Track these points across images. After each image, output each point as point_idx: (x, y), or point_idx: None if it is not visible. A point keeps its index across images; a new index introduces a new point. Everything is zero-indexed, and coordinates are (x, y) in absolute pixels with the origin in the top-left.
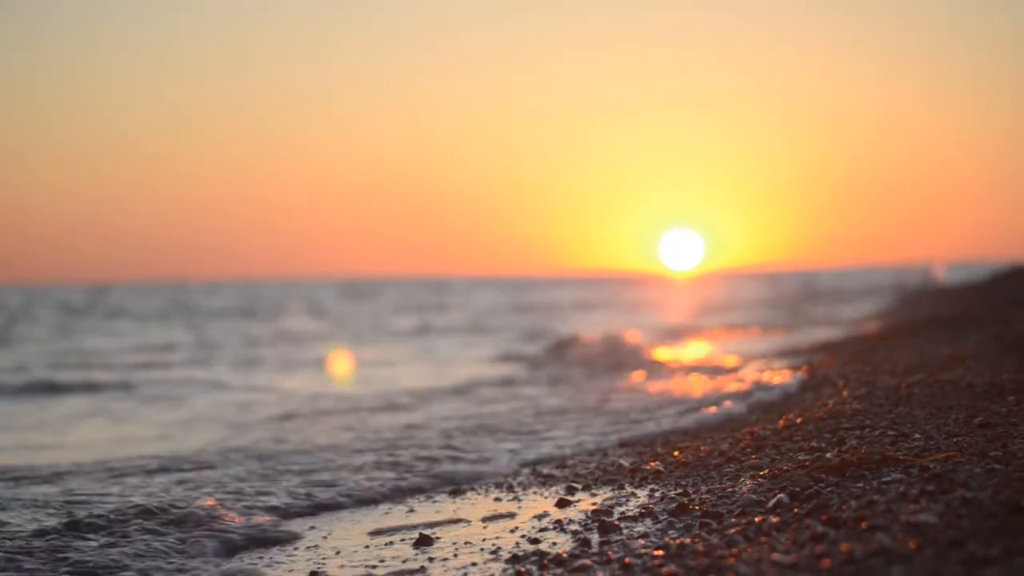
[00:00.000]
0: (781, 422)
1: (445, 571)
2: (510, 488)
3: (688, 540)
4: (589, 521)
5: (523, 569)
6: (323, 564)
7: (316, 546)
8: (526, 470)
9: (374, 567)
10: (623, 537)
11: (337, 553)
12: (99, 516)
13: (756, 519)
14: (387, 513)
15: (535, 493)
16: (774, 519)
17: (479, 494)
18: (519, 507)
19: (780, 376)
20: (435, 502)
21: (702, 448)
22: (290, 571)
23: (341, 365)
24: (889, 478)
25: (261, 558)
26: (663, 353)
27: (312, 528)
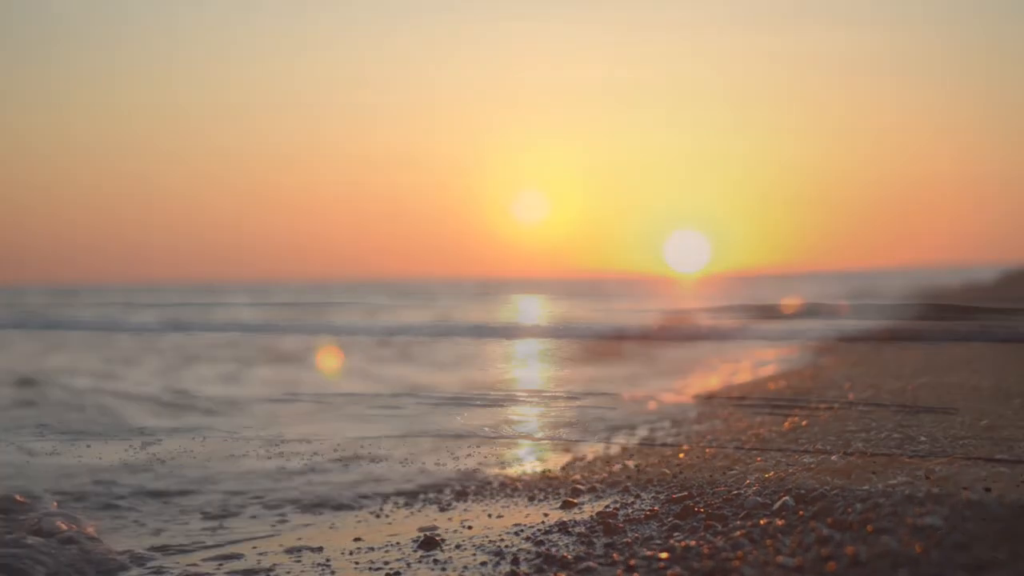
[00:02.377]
0: (786, 424)
1: (451, 572)
2: (514, 490)
3: (693, 542)
4: (594, 523)
5: (528, 570)
6: None
7: None
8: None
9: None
10: (628, 540)
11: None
12: None
13: (761, 521)
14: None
15: (540, 495)
16: (779, 522)
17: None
18: (524, 509)
19: None
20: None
21: (707, 450)
22: None
23: None
24: (895, 481)
25: None
26: None
27: None
